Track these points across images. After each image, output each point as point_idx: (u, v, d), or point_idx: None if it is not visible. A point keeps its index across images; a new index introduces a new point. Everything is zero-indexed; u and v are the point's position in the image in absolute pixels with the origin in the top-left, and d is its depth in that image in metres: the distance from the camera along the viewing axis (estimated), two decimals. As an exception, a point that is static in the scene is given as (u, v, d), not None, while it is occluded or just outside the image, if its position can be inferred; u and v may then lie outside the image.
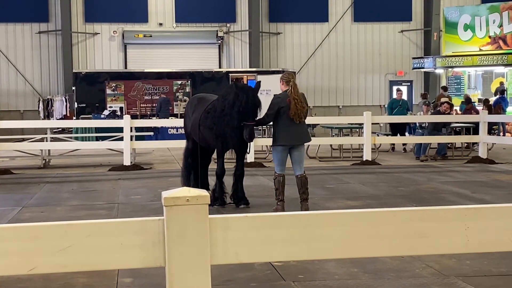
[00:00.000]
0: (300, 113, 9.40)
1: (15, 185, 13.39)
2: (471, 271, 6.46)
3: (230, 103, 9.75)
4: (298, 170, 9.59)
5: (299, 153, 9.61)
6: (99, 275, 6.26)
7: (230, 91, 9.92)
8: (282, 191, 9.58)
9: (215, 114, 10.03)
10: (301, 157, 9.64)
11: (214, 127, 10.02)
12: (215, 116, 10.01)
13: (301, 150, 9.67)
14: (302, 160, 9.65)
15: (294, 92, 9.41)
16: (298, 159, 9.60)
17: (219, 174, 10.23)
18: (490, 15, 27.70)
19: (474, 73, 29.42)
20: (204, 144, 10.52)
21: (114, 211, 10.14)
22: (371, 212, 2.94)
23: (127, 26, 30.40)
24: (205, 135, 10.32)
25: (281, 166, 9.64)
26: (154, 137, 20.61)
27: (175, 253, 2.74)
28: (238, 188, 10.21)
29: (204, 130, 10.27)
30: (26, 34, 29.80)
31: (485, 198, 10.96)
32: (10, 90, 29.77)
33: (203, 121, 10.28)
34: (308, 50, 31.53)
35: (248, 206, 10.11)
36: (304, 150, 9.88)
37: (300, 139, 9.59)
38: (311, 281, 6.21)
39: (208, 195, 2.79)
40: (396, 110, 20.09)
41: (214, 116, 10.04)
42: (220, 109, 9.93)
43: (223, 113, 9.86)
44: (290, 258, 3.06)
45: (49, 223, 2.81)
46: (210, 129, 10.15)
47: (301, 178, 9.55)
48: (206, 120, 10.21)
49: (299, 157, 9.60)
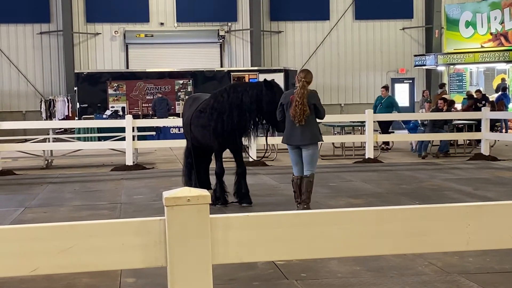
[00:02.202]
0: (299, 115, 9.15)
1: (17, 186, 13.41)
2: (473, 268, 6.46)
3: (252, 98, 9.80)
4: (304, 171, 9.39)
5: (306, 154, 9.35)
6: (102, 275, 6.26)
7: (243, 89, 9.98)
8: (300, 193, 9.45)
9: (213, 112, 10.01)
10: (308, 158, 9.34)
11: (213, 124, 9.99)
12: (213, 114, 9.99)
13: (308, 150, 9.34)
14: (309, 162, 9.34)
15: (299, 92, 9.16)
16: (305, 160, 9.37)
17: (218, 173, 10.22)
18: (492, 12, 27.66)
19: (476, 70, 29.39)
20: (196, 143, 10.48)
21: (117, 211, 10.15)
22: (372, 210, 2.94)
23: (128, 26, 30.40)
24: (196, 134, 10.31)
25: (294, 167, 9.53)
26: (156, 136, 20.61)
27: (176, 253, 2.74)
28: (242, 186, 10.19)
29: (196, 129, 10.26)
30: (28, 35, 29.82)
31: (487, 195, 10.95)
32: (12, 91, 29.79)
33: (194, 120, 10.27)
34: (310, 48, 31.51)
35: (250, 205, 10.10)
36: (313, 151, 9.39)
37: (301, 140, 9.31)
38: (314, 279, 6.21)
39: (209, 194, 2.79)
40: (379, 108, 19.83)
41: (212, 114, 10.01)
42: (220, 108, 9.94)
43: (224, 111, 9.87)
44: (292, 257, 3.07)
45: (50, 224, 2.82)
46: (203, 128, 10.14)
47: (304, 180, 9.36)
48: (199, 120, 10.20)
49: (306, 157, 9.35)
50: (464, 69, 29.14)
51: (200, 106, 10.29)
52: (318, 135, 9.43)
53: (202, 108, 10.22)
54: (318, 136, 9.43)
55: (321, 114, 9.43)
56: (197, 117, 10.24)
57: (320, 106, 9.40)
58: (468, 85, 28.87)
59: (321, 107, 9.41)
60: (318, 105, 9.34)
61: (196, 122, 10.24)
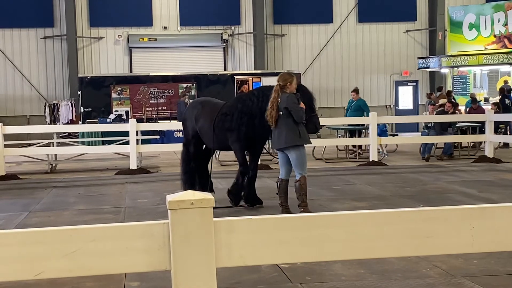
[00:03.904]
0: (269, 118, 9.18)
1: (22, 190, 13.42)
2: (478, 270, 6.44)
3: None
4: (295, 174, 9.34)
5: (291, 158, 9.23)
6: (106, 279, 6.26)
7: None
8: (282, 196, 9.46)
9: (242, 116, 10.08)
10: (293, 161, 9.21)
11: (244, 129, 10.07)
12: (243, 118, 10.06)
13: (291, 154, 9.20)
14: (295, 165, 9.22)
15: (272, 95, 9.23)
16: (292, 164, 9.27)
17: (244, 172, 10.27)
18: (495, 14, 27.64)
19: (479, 72, 29.35)
20: (218, 146, 10.70)
21: (121, 215, 10.15)
22: (376, 212, 2.94)
23: (132, 30, 30.45)
24: (221, 138, 10.41)
25: (281, 170, 9.55)
26: (160, 140, 20.63)
27: (180, 257, 2.74)
28: (253, 189, 10.37)
29: (221, 133, 10.35)
30: (32, 40, 29.87)
31: (492, 197, 10.93)
32: (16, 95, 29.84)
33: (219, 124, 10.36)
34: (313, 51, 31.51)
35: (262, 205, 10.33)
36: (295, 154, 9.20)
37: (278, 143, 9.26)
38: (318, 282, 6.20)
39: (212, 198, 2.79)
40: (349, 112, 19.73)
41: (241, 118, 10.08)
42: (249, 111, 10.02)
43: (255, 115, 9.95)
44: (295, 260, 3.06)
45: (54, 228, 2.82)
46: (230, 131, 10.22)
47: (295, 183, 9.30)
48: (224, 123, 10.29)
49: (292, 161, 9.24)
50: (468, 72, 29.11)
51: (224, 109, 10.38)
52: (294, 138, 9.12)
53: (227, 111, 10.31)
54: (294, 139, 9.12)
55: (296, 117, 9.11)
56: (222, 121, 10.33)
57: (294, 109, 9.06)
58: (472, 87, 28.83)
59: (294, 110, 9.06)
60: (290, 108, 9.06)
61: (222, 125, 10.32)
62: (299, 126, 9.16)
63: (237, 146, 10.30)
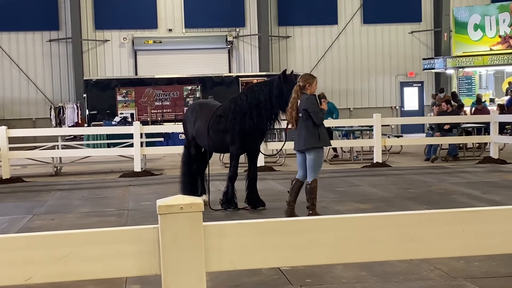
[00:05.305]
0: (289, 119, 9.28)
1: (26, 193, 13.46)
2: (479, 272, 6.42)
3: None
4: (308, 176, 9.35)
5: (309, 158, 9.24)
6: (107, 283, 6.25)
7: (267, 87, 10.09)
8: (292, 195, 9.46)
9: (235, 116, 10.09)
10: (308, 163, 9.24)
11: (237, 128, 10.08)
12: (236, 118, 10.08)
13: (308, 155, 9.22)
14: (311, 166, 9.22)
15: (293, 95, 9.24)
16: (308, 164, 9.29)
17: (232, 177, 10.29)
18: (500, 15, 27.57)
19: (485, 73, 29.28)
20: (214, 148, 10.65)
21: (124, 217, 10.16)
22: (366, 216, 2.93)
23: (136, 33, 30.50)
24: (215, 140, 10.38)
25: (298, 170, 9.54)
26: (164, 142, 20.65)
27: (170, 261, 2.75)
28: (254, 191, 10.30)
29: (216, 135, 10.33)
30: (37, 43, 29.97)
31: (495, 198, 10.88)
32: (21, 98, 29.94)
33: (214, 126, 10.34)
34: (318, 53, 31.49)
35: (264, 207, 10.31)
36: (311, 156, 9.21)
37: (298, 145, 9.31)
38: (318, 285, 6.19)
39: (202, 202, 2.80)
40: None
41: (234, 118, 10.09)
42: (241, 110, 10.05)
43: (245, 112, 9.96)
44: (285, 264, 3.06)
45: (45, 233, 2.83)
46: (225, 132, 10.20)
47: (307, 186, 9.33)
48: (219, 125, 10.27)
49: (309, 161, 9.26)
50: (473, 72, 29.04)
51: (218, 112, 10.38)
52: (313, 140, 9.12)
53: (222, 113, 10.31)
54: (313, 142, 9.12)
55: (315, 119, 9.10)
56: (216, 123, 10.32)
57: (313, 111, 9.05)
58: (478, 88, 28.76)
59: (314, 112, 9.05)
60: (309, 110, 9.05)
61: (216, 127, 10.31)
62: (319, 128, 9.18)
63: (234, 149, 10.29)
